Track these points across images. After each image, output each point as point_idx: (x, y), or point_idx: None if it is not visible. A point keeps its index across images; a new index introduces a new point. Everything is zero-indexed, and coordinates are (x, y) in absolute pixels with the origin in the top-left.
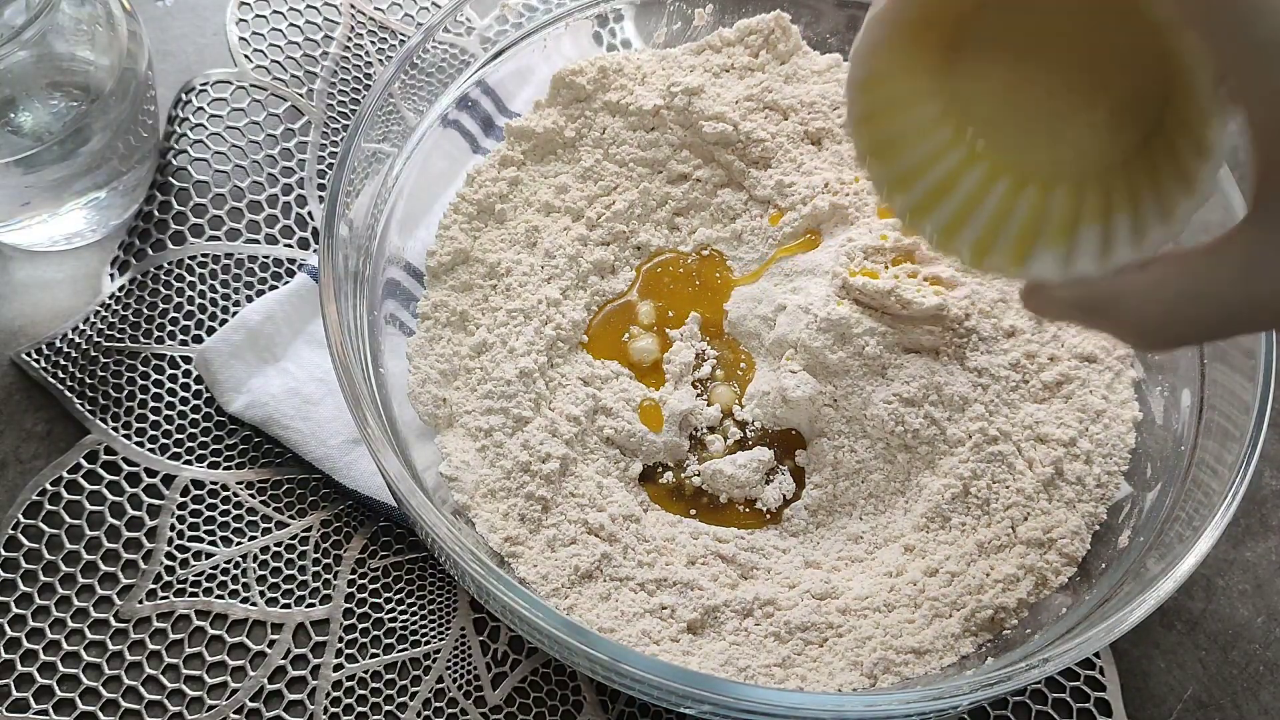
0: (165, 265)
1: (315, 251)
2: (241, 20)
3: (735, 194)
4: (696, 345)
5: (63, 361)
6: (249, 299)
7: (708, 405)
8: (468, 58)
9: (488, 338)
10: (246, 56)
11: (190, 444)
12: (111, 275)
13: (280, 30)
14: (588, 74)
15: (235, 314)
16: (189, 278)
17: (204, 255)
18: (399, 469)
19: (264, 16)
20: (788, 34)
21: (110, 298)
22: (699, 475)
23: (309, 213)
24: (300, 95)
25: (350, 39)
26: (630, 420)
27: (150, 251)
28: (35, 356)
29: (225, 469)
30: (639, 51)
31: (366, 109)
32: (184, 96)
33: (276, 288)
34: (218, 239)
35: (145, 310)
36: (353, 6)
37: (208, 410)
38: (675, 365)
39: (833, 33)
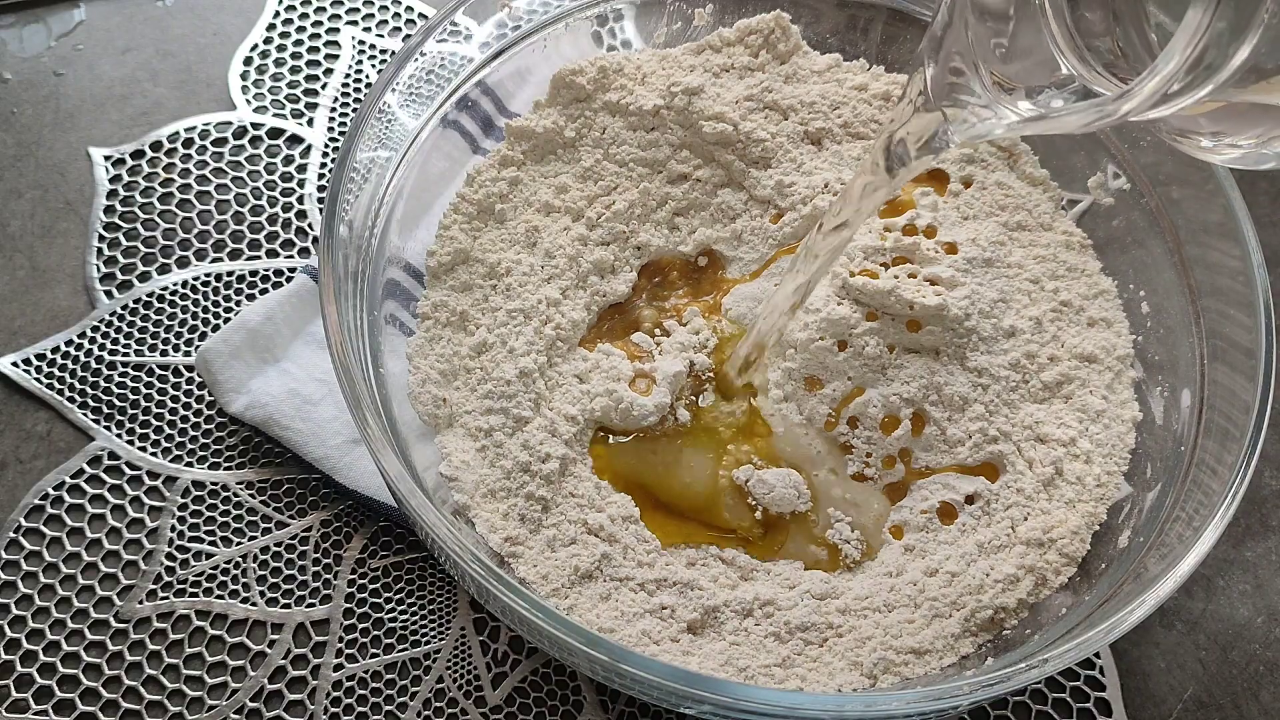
0: (170, 286)
1: (316, 253)
2: (245, 70)
3: (735, 194)
4: (698, 326)
5: (58, 373)
6: None
7: (707, 357)
8: (467, 59)
9: (488, 338)
10: (247, 101)
11: (191, 446)
12: (109, 293)
13: (282, 71)
14: (588, 74)
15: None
16: (193, 295)
17: (206, 275)
18: (399, 469)
19: (266, 63)
20: (788, 34)
21: (112, 314)
22: (740, 474)
23: (310, 224)
24: (301, 125)
25: (351, 68)
26: (621, 390)
27: (155, 274)
28: (26, 367)
29: (226, 469)
30: (639, 51)
31: (366, 110)
32: (184, 134)
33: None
34: (220, 260)
35: (150, 326)
36: (354, 38)
37: (209, 412)
38: (672, 341)
39: (833, 33)
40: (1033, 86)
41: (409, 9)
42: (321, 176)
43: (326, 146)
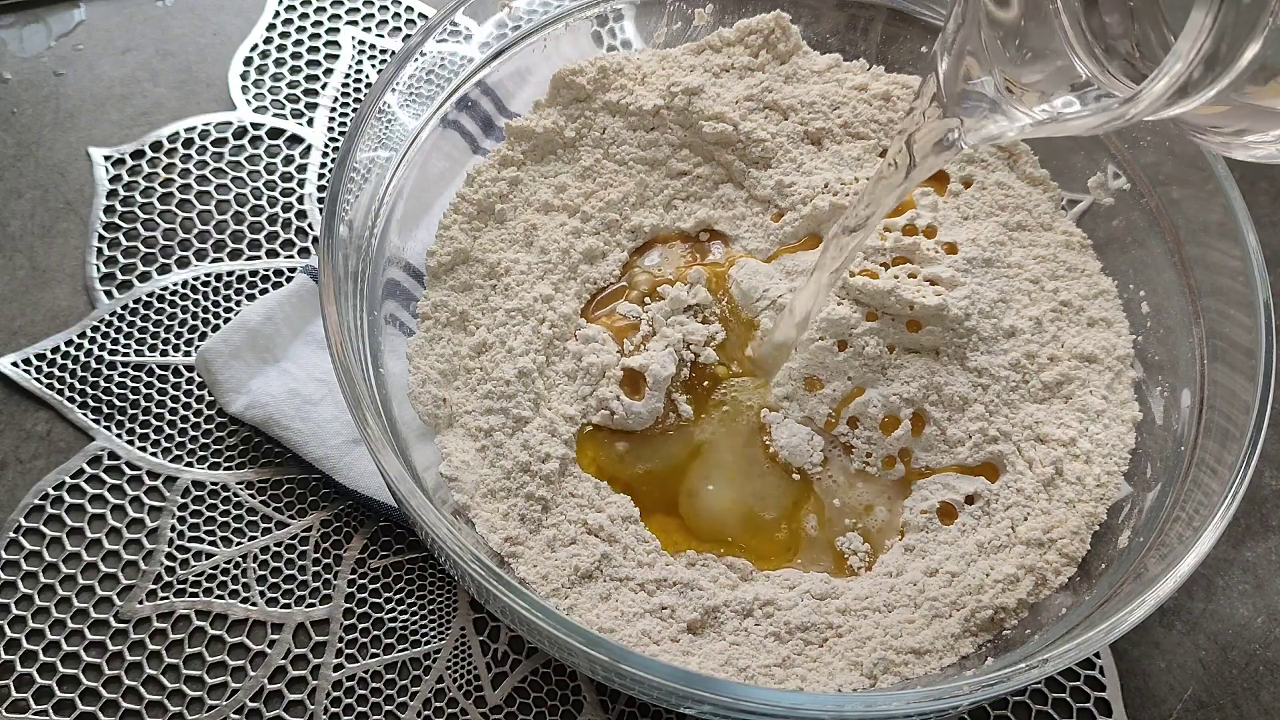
0: (170, 286)
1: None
2: (245, 70)
3: (735, 192)
4: (697, 293)
5: (58, 373)
6: None
7: (709, 347)
8: (467, 59)
9: (487, 338)
10: (247, 101)
11: (191, 446)
12: (109, 293)
13: (282, 71)
14: (588, 74)
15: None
16: (193, 295)
17: (206, 275)
18: (399, 469)
19: (266, 63)
20: (788, 34)
21: (112, 314)
22: (768, 416)
23: (310, 224)
24: (301, 125)
25: (351, 68)
26: (611, 399)
27: (155, 275)
28: (26, 367)
29: (226, 469)
30: (639, 51)
31: (366, 110)
32: (184, 134)
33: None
34: (220, 260)
35: (150, 326)
36: (354, 38)
37: (209, 412)
38: (661, 309)
39: (833, 33)
40: (1045, 89)
41: (409, 9)
42: (321, 176)
43: (326, 146)
